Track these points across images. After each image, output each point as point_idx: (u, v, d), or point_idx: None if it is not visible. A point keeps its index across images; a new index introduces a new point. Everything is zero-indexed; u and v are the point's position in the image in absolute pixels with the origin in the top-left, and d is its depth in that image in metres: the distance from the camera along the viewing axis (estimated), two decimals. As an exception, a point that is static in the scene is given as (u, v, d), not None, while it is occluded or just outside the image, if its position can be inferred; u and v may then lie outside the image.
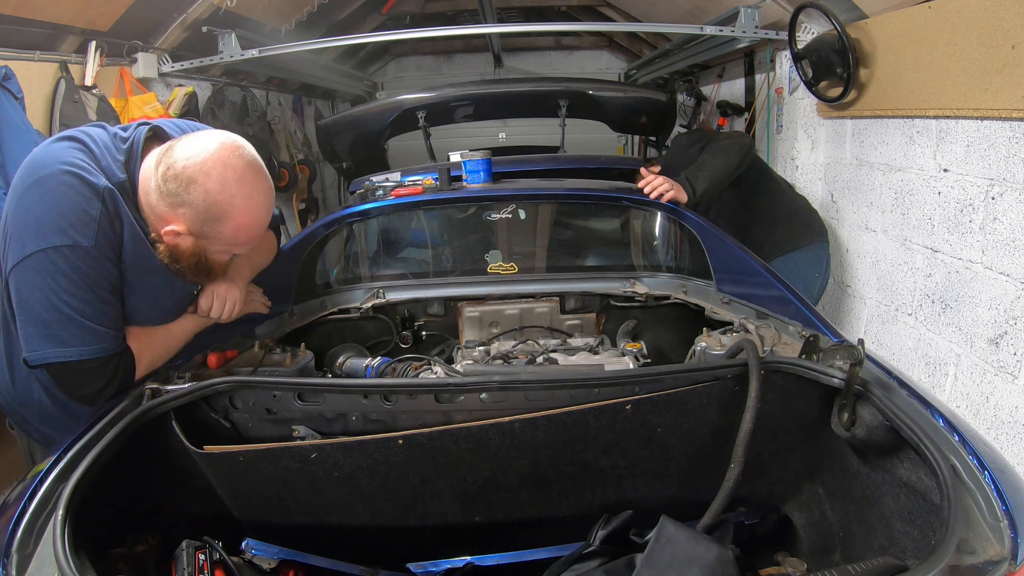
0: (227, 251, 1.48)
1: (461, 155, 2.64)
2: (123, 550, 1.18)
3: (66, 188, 1.31)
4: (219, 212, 1.36)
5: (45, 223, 1.30)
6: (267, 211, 1.45)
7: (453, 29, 4.08)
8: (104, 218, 1.33)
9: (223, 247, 1.45)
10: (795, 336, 1.71)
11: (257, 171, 1.41)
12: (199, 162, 1.34)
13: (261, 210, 1.43)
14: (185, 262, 1.44)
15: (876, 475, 1.28)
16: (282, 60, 4.42)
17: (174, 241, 1.40)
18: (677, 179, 2.43)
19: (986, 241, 2.19)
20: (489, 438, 1.30)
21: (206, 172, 1.34)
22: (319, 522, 1.43)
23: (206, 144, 1.37)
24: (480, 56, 7.94)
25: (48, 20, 2.81)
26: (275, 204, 1.56)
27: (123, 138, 1.45)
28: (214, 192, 1.34)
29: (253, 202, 1.40)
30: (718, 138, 2.87)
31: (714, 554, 1.07)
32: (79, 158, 1.36)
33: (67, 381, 1.39)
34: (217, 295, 1.62)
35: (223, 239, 1.42)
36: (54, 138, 1.43)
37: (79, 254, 1.31)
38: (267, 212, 1.45)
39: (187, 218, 1.37)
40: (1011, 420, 2.11)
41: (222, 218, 1.37)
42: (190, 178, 1.34)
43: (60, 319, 1.32)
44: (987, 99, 2.10)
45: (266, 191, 1.44)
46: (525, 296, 2.31)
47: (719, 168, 2.58)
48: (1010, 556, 0.93)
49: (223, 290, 1.63)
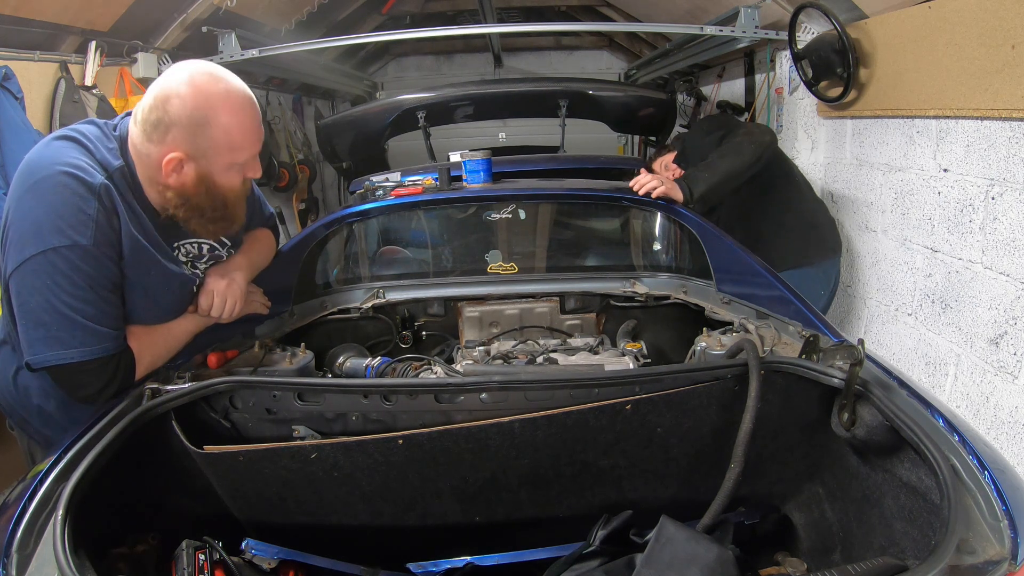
0: (230, 164, 1.46)
1: (461, 155, 2.64)
2: (123, 550, 1.18)
3: (62, 189, 1.32)
4: (202, 116, 1.37)
5: (43, 226, 1.31)
6: (251, 107, 1.45)
7: (453, 29, 4.08)
8: (101, 216, 1.34)
9: (224, 160, 1.44)
10: (795, 336, 1.71)
11: (225, 73, 1.42)
12: (168, 84, 1.38)
13: (244, 104, 1.43)
14: (197, 197, 1.44)
15: (876, 475, 1.28)
16: (282, 60, 4.42)
17: (179, 178, 1.41)
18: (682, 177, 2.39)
19: (986, 241, 2.19)
20: (489, 438, 1.30)
21: (176, 86, 1.37)
22: (319, 522, 1.43)
23: (170, 71, 1.41)
24: (480, 56, 7.94)
25: (48, 20, 2.80)
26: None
27: (112, 126, 1.47)
28: (191, 98, 1.36)
29: (232, 96, 1.41)
30: (737, 131, 2.68)
31: (714, 554, 1.07)
32: (74, 156, 1.36)
33: (68, 382, 1.39)
34: (217, 293, 1.62)
35: (219, 146, 1.41)
36: (48, 139, 1.44)
37: (78, 253, 1.31)
38: (252, 108, 1.45)
39: (178, 139, 1.38)
40: (1011, 420, 2.11)
41: (208, 121, 1.38)
42: (164, 98, 1.37)
43: (60, 320, 1.32)
44: (987, 99, 2.10)
45: (241, 88, 1.44)
46: (525, 296, 2.31)
47: (725, 171, 2.43)
48: (1010, 556, 0.93)
49: (223, 287, 1.63)
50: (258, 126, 1.48)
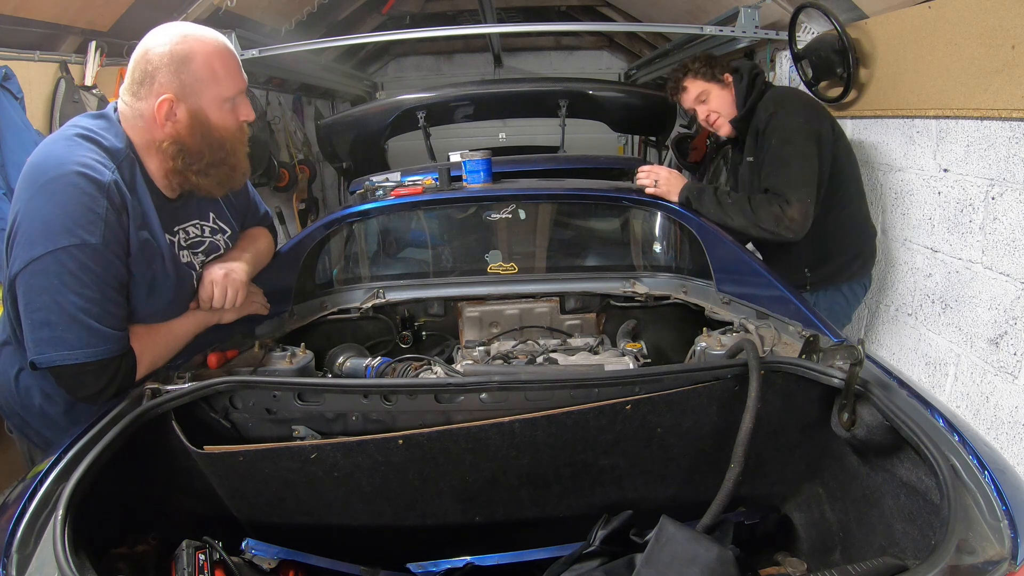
0: (219, 99, 1.49)
1: (461, 155, 2.64)
2: (123, 550, 1.19)
3: (72, 189, 1.32)
4: (182, 54, 1.42)
5: (53, 225, 1.31)
6: (226, 46, 1.49)
7: (453, 29, 4.08)
8: (111, 214, 1.35)
9: (211, 93, 1.47)
10: (795, 336, 1.71)
11: (190, 22, 1.50)
12: (144, 44, 1.45)
13: (218, 43, 1.48)
14: (193, 139, 1.47)
15: (876, 475, 1.28)
16: (282, 60, 4.42)
17: (174, 125, 1.44)
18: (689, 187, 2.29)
19: (986, 241, 2.19)
20: (489, 438, 1.30)
21: (151, 41, 1.44)
22: (319, 522, 1.43)
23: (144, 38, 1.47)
24: (480, 56, 7.94)
25: (48, 20, 2.81)
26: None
27: (112, 109, 1.50)
28: (168, 42, 1.42)
29: (206, 36, 1.47)
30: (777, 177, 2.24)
31: (714, 554, 1.07)
32: (83, 154, 1.37)
33: (70, 382, 1.39)
34: (216, 283, 1.62)
35: (204, 79, 1.45)
36: (55, 136, 1.45)
37: (88, 252, 1.32)
38: (227, 47, 1.50)
39: (165, 83, 1.42)
40: (1011, 420, 2.11)
41: (188, 56, 1.42)
42: (144, 52, 1.43)
43: (66, 321, 1.32)
44: (987, 99, 2.10)
45: (214, 33, 1.49)
46: (525, 296, 2.31)
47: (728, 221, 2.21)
48: (1010, 556, 0.93)
49: (220, 277, 1.63)
50: (238, 64, 1.52)
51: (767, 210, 2.21)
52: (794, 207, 2.19)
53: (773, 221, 2.20)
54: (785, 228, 2.20)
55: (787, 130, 2.30)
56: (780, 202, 2.21)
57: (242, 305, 1.70)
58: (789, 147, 2.28)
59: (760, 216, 2.21)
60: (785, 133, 2.30)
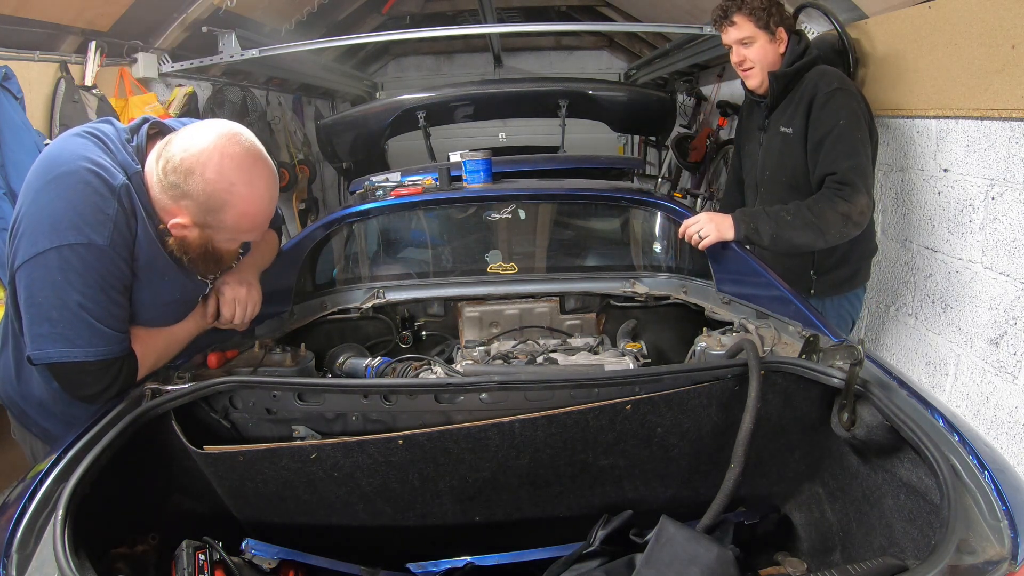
0: (233, 240, 1.48)
1: (461, 155, 2.64)
2: (123, 550, 1.19)
3: (84, 186, 1.31)
4: (219, 201, 1.36)
5: (61, 221, 1.30)
6: (270, 198, 1.44)
7: (453, 29, 4.09)
8: (120, 216, 1.33)
9: (229, 236, 1.45)
10: (795, 336, 1.71)
11: (256, 157, 1.40)
12: (196, 152, 1.34)
13: (263, 197, 1.42)
14: (194, 253, 1.44)
15: (876, 475, 1.28)
16: (282, 60, 4.43)
17: (181, 233, 1.40)
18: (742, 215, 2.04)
19: (986, 241, 2.19)
20: (489, 438, 1.30)
21: (203, 162, 1.33)
22: (319, 522, 1.43)
23: (203, 134, 1.37)
24: (480, 56, 7.95)
25: (48, 20, 2.81)
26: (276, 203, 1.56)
27: (131, 130, 1.46)
28: (213, 181, 1.34)
29: (254, 189, 1.39)
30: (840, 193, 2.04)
31: (714, 554, 1.07)
32: (97, 154, 1.35)
33: (69, 381, 1.38)
34: (238, 301, 1.63)
35: (227, 228, 1.41)
36: (68, 134, 1.43)
37: (94, 253, 1.31)
38: (270, 198, 1.44)
39: (190, 210, 1.37)
40: (1011, 420, 2.11)
41: (223, 207, 1.36)
42: (188, 169, 1.34)
43: (68, 318, 1.32)
44: (987, 99, 2.10)
45: (267, 177, 1.42)
46: (525, 296, 2.31)
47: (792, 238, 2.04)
48: (1010, 556, 0.93)
49: (243, 295, 1.63)
50: (270, 212, 1.46)
51: (833, 213, 2.02)
52: (863, 197, 2.04)
53: (841, 223, 2.03)
54: (853, 225, 2.05)
55: (855, 113, 2.15)
56: (845, 195, 2.03)
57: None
58: (859, 132, 2.14)
59: (827, 222, 2.02)
60: (854, 116, 2.14)
